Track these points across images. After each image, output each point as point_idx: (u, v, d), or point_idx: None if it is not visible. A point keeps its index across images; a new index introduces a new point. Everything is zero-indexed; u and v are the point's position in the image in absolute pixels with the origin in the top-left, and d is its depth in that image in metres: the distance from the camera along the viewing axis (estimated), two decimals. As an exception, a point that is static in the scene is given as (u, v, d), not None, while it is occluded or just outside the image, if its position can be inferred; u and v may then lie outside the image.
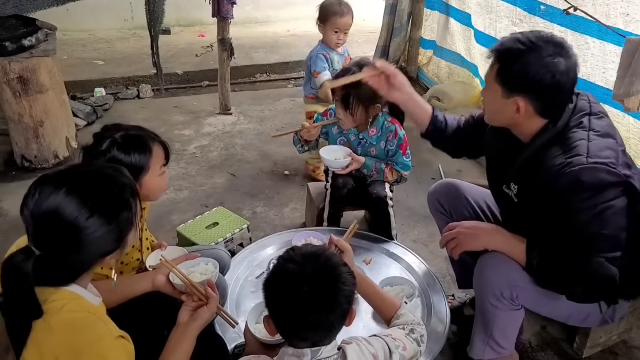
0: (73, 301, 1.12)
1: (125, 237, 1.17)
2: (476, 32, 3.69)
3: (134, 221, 1.18)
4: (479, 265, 1.66)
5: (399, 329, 1.36)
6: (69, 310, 1.10)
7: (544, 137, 1.53)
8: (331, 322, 1.15)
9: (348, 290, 1.17)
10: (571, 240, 1.46)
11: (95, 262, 1.16)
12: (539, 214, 1.53)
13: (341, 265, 1.20)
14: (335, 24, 2.86)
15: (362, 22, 6.82)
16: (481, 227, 1.71)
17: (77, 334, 1.08)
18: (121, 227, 1.15)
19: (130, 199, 1.17)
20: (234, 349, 1.56)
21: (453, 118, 1.96)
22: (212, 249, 1.93)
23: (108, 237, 1.12)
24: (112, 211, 1.13)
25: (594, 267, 1.43)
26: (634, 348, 2.06)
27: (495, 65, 1.52)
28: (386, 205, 2.27)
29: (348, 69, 2.12)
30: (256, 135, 3.80)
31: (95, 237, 1.10)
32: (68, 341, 1.07)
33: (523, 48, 1.44)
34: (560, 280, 1.50)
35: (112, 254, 1.17)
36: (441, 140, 1.96)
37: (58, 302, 1.10)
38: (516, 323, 1.72)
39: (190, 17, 6.11)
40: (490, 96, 1.57)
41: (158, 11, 3.30)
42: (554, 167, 1.46)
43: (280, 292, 1.16)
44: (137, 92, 4.47)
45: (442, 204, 1.99)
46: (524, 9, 3.20)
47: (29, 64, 2.97)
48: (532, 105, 1.48)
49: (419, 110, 1.91)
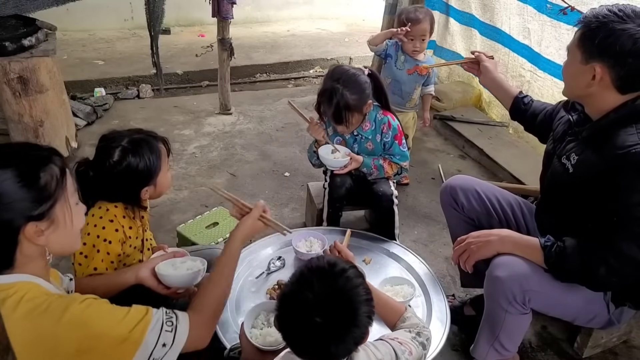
0: (32, 290, 1.06)
1: (49, 204, 1.08)
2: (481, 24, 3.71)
3: (58, 191, 1.09)
4: (491, 268, 1.64)
5: (406, 331, 1.34)
6: (28, 300, 1.04)
7: (621, 113, 1.50)
8: (334, 354, 1.09)
9: (359, 333, 1.09)
10: (613, 219, 1.46)
11: (20, 225, 1.05)
12: (590, 188, 1.52)
13: (362, 304, 1.08)
14: (411, 31, 2.82)
15: (362, 22, 6.85)
16: (491, 233, 1.69)
17: (42, 318, 1.03)
18: (39, 186, 1.07)
19: (52, 165, 1.10)
20: (229, 350, 1.53)
21: (541, 104, 2.00)
22: (212, 248, 1.93)
23: (24, 195, 1.04)
24: (23, 167, 1.06)
25: (625, 248, 1.43)
26: (634, 348, 2.06)
27: (578, 31, 1.51)
28: (392, 203, 2.26)
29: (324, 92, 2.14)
30: (256, 135, 3.80)
31: (5, 190, 1.02)
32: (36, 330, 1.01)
33: (610, 15, 1.43)
34: (583, 264, 1.49)
35: (39, 222, 1.07)
36: (525, 122, 2.04)
37: (16, 295, 1.04)
38: (524, 327, 1.71)
39: (190, 17, 6.11)
40: (569, 63, 1.57)
41: (158, 11, 3.29)
42: (626, 142, 1.44)
43: (292, 315, 1.10)
44: (137, 92, 4.48)
45: (455, 197, 1.98)
46: (534, 6, 3.22)
47: (29, 64, 2.97)
48: (609, 74, 1.46)
49: (503, 94, 2.08)
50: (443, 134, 3.83)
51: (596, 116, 1.57)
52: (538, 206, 1.89)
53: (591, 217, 1.52)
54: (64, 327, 1.03)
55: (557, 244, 1.55)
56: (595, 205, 1.51)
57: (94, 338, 1.05)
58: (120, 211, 1.60)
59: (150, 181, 1.60)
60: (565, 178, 1.62)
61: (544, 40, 3.19)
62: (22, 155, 1.08)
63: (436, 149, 3.66)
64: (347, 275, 1.10)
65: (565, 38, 3.03)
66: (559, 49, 3.08)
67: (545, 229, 1.75)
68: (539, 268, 1.59)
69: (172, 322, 1.15)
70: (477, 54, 2.12)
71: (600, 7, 1.48)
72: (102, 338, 1.06)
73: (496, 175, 3.27)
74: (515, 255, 1.61)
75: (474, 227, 1.94)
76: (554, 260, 1.54)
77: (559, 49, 3.08)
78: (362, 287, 1.11)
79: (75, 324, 1.04)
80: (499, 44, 3.56)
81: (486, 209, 1.96)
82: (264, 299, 1.81)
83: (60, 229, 1.11)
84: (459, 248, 1.72)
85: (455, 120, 3.76)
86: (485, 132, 3.60)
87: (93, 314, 1.07)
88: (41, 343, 1.02)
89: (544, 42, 3.20)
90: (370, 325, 1.12)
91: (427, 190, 3.13)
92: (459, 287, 2.23)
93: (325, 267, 1.11)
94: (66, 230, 1.13)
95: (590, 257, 1.48)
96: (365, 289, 1.12)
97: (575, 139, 1.63)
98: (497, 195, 1.98)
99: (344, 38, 6.17)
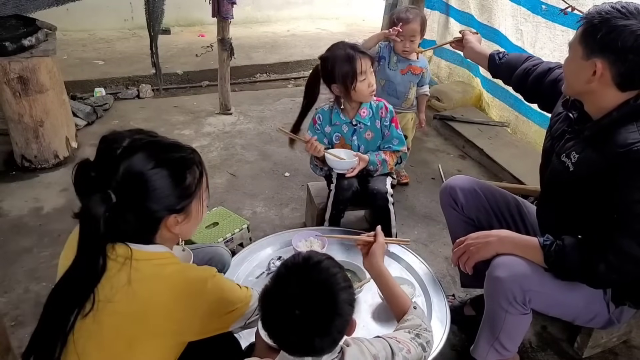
0: (172, 257, 1.24)
1: (189, 201, 1.23)
2: (479, 25, 3.71)
3: (197, 190, 1.24)
4: (491, 268, 1.64)
5: (405, 332, 1.34)
6: (174, 263, 1.23)
7: (622, 111, 1.50)
8: (320, 348, 1.10)
9: (342, 321, 1.09)
10: (612, 216, 1.46)
11: (164, 216, 1.20)
12: (591, 185, 1.52)
13: (342, 291, 1.10)
14: (402, 31, 2.83)
15: (362, 22, 6.85)
16: (491, 234, 1.69)
17: (192, 277, 1.23)
18: (185, 185, 1.21)
19: (194, 166, 1.25)
20: (248, 346, 1.53)
21: (517, 57, 2.07)
22: (212, 246, 1.92)
23: (172, 191, 1.18)
24: (175, 167, 1.20)
25: (626, 245, 1.43)
26: (634, 348, 2.06)
27: (581, 27, 1.51)
28: (387, 201, 2.26)
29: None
30: (256, 135, 3.80)
31: (159, 186, 1.16)
32: (187, 286, 1.20)
33: (612, 11, 1.44)
34: (583, 261, 1.49)
35: (178, 215, 1.22)
36: (504, 76, 2.11)
37: (164, 259, 1.22)
38: (524, 327, 1.71)
39: (190, 17, 6.11)
40: (570, 59, 1.56)
41: (158, 11, 3.29)
42: (627, 140, 1.44)
43: (273, 311, 1.11)
44: (137, 92, 4.47)
45: (455, 197, 1.97)
46: (527, 7, 3.21)
47: (29, 64, 2.97)
48: (610, 71, 1.46)
49: (479, 58, 2.20)
50: (443, 134, 3.83)
51: (595, 114, 1.57)
52: (539, 204, 1.89)
53: (591, 214, 1.52)
54: (209, 290, 1.23)
55: (557, 243, 1.55)
56: (595, 203, 1.52)
57: (224, 303, 1.27)
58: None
59: None
60: (566, 177, 1.62)
61: (538, 42, 3.19)
62: (175, 156, 1.22)
63: (436, 149, 3.66)
64: (322, 266, 1.12)
65: (560, 39, 3.02)
66: (553, 50, 3.08)
67: (546, 227, 1.75)
68: (539, 268, 1.59)
69: None
70: (462, 31, 2.27)
71: (604, 4, 1.48)
72: (226, 304, 1.28)
73: (496, 175, 3.27)
74: (515, 256, 1.61)
75: (473, 228, 1.94)
76: (554, 258, 1.54)
77: (554, 50, 3.07)
78: (340, 276, 1.12)
79: (215, 288, 1.25)
80: (496, 45, 3.56)
81: (486, 209, 1.96)
82: (264, 299, 1.81)
83: (192, 220, 1.28)
84: (458, 249, 1.72)
85: (455, 120, 3.76)
86: (485, 132, 3.60)
87: (226, 284, 1.31)
88: (189, 295, 1.20)
89: (538, 43, 3.20)
90: (352, 313, 1.12)
91: (427, 190, 3.13)
92: (459, 287, 2.23)
93: (299, 262, 1.14)
94: (196, 221, 1.30)
95: (590, 254, 1.49)
96: (344, 277, 1.13)
97: (575, 137, 1.62)
98: (496, 195, 1.98)
99: (344, 38, 6.11)
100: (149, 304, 1.15)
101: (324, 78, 2.27)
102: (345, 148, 2.34)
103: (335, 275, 1.12)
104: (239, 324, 1.35)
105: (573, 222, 1.61)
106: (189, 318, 1.21)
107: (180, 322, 1.20)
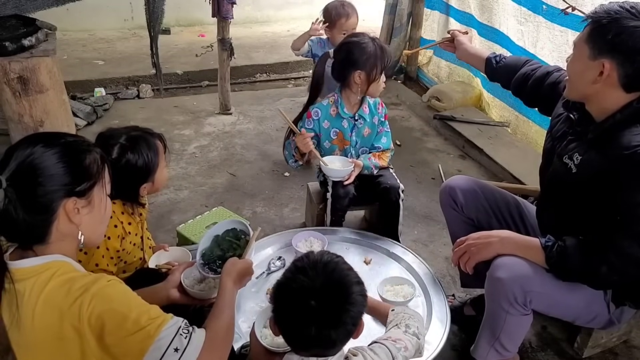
0: (63, 267, 1.11)
1: (89, 184, 1.15)
2: (479, 25, 3.71)
3: (98, 175, 1.17)
4: (492, 269, 1.64)
5: (396, 328, 1.37)
6: (61, 274, 1.08)
7: (626, 113, 1.49)
8: (334, 340, 1.13)
9: (355, 311, 1.14)
10: (615, 218, 1.46)
11: (61, 197, 1.11)
12: (593, 187, 1.52)
13: (354, 284, 1.16)
14: (342, 26, 2.89)
15: (362, 22, 6.82)
16: (492, 234, 1.69)
17: (70, 290, 1.06)
18: (83, 166, 1.14)
19: (94, 153, 1.18)
20: (240, 348, 1.54)
21: (515, 61, 2.04)
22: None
23: (66, 169, 1.11)
24: (66, 147, 1.14)
25: (627, 246, 1.43)
26: (634, 348, 2.06)
27: (588, 26, 1.49)
28: (399, 197, 2.26)
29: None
30: (256, 135, 3.79)
31: (50, 164, 1.10)
32: (65, 299, 1.05)
33: (622, 11, 1.42)
34: (584, 263, 1.49)
35: (79, 199, 1.13)
36: (502, 80, 2.08)
37: (48, 272, 1.08)
38: (524, 328, 1.71)
39: (190, 17, 6.11)
40: (575, 59, 1.54)
41: (158, 11, 3.29)
42: (632, 142, 1.44)
43: (288, 303, 1.14)
44: (137, 92, 4.47)
45: (455, 197, 1.97)
46: (528, 7, 3.21)
47: (29, 64, 2.96)
48: (617, 71, 1.44)
49: (478, 60, 2.14)
50: (443, 134, 3.83)
51: (598, 115, 1.56)
52: (539, 204, 1.89)
53: (592, 215, 1.52)
54: (90, 297, 1.05)
55: (558, 244, 1.54)
56: (597, 204, 1.51)
57: (114, 315, 1.06)
58: (119, 207, 1.62)
59: (149, 177, 1.61)
60: (568, 178, 1.62)
61: (539, 42, 3.19)
62: (69, 141, 1.16)
63: (436, 149, 3.66)
64: (336, 261, 1.19)
65: (558, 40, 3.02)
66: (552, 51, 3.08)
67: (547, 227, 1.75)
68: (540, 269, 1.58)
69: (188, 330, 1.14)
70: (452, 31, 2.23)
71: (611, 4, 1.47)
72: (121, 318, 1.06)
73: (496, 175, 3.27)
74: (516, 256, 1.61)
75: (473, 228, 1.94)
76: (555, 259, 1.54)
77: (553, 50, 3.07)
78: (352, 272, 1.19)
79: (101, 297, 1.06)
80: (497, 45, 3.56)
81: (485, 209, 1.96)
82: (264, 298, 1.82)
83: (94, 211, 1.18)
84: (458, 250, 1.72)
85: (455, 120, 3.76)
86: (485, 132, 3.60)
87: (119, 293, 1.11)
88: (69, 313, 1.05)
89: (539, 43, 3.20)
90: (364, 306, 1.17)
91: (427, 190, 3.13)
92: (459, 287, 2.23)
93: (316, 258, 1.19)
94: (99, 215, 1.20)
95: (591, 255, 1.49)
96: (355, 274, 1.19)
97: (577, 139, 1.62)
98: (496, 195, 1.98)
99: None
100: (36, 330, 1.04)
101: (348, 61, 2.21)
102: (345, 144, 2.35)
103: (347, 269, 1.19)
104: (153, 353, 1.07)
105: (573, 222, 1.61)
106: (79, 336, 1.05)
107: (72, 341, 1.05)
